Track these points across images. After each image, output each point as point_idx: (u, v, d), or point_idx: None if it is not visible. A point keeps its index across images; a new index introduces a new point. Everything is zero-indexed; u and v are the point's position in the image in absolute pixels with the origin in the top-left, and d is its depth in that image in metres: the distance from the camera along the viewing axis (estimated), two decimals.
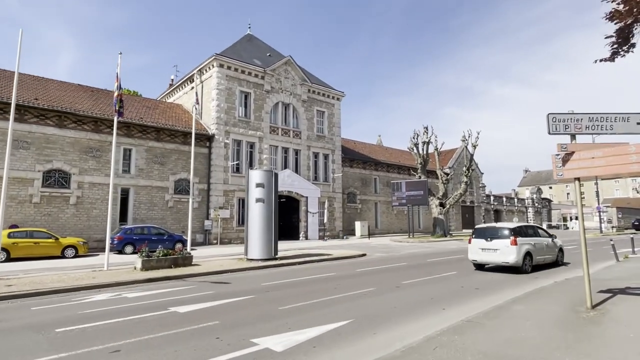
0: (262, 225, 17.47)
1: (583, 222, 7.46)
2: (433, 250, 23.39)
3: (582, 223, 7.43)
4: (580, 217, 7.46)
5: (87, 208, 22.60)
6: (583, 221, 7.48)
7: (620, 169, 6.97)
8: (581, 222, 7.44)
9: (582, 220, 7.45)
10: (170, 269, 14.31)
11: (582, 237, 7.38)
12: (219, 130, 27.75)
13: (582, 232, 7.38)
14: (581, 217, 7.46)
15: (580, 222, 7.45)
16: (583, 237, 7.37)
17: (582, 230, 7.39)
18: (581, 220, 7.46)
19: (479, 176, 53.97)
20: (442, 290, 10.22)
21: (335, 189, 34.85)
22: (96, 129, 23.30)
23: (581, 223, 7.44)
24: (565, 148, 7.54)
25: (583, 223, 7.45)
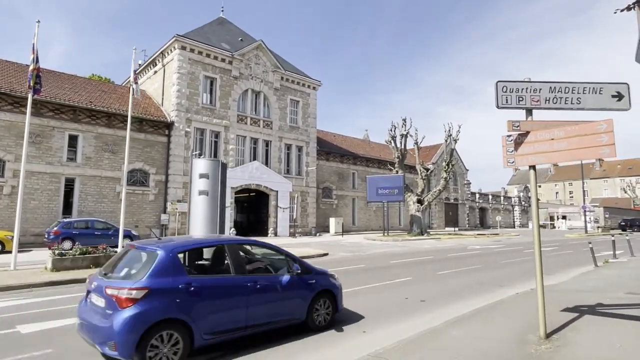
0: (205, 220, 15.52)
1: (538, 221, 5.69)
2: (404, 250, 21.71)
3: (537, 221, 5.67)
4: (534, 215, 5.70)
5: (24, 199, 20.33)
6: (538, 220, 5.72)
7: (587, 153, 5.21)
8: (535, 221, 5.67)
9: (536, 218, 5.69)
10: (89, 270, 12.39)
11: (535, 240, 5.61)
12: (179, 118, 25.71)
13: (536, 233, 5.61)
14: (535, 215, 5.69)
15: (534, 220, 5.69)
16: (537, 239, 5.61)
17: (536, 231, 5.63)
18: (535, 218, 5.70)
19: (464, 173, 52.45)
20: (381, 302, 8.48)
21: (309, 183, 33.01)
22: (36, 112, 21.12)
23: (535, 221, 5.67)
24: (517, 127, 5.75)
25: (538, 221, 5.69)
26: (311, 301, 6.22)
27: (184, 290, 4.86)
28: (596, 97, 5.62)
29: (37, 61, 13.74)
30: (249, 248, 6.51)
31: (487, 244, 26.38)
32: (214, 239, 6.34)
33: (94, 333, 4.67)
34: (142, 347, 4.44)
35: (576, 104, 5.65)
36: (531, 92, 5.73)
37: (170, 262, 4.97)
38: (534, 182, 5.68)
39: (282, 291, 5.87)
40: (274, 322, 5.79)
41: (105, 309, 4.65)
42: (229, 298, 5.29)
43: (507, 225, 61.70)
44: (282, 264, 6.29)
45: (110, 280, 4.97)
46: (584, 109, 5.65)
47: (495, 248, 23.36)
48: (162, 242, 5.52)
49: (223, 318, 5.17)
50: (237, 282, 5.43)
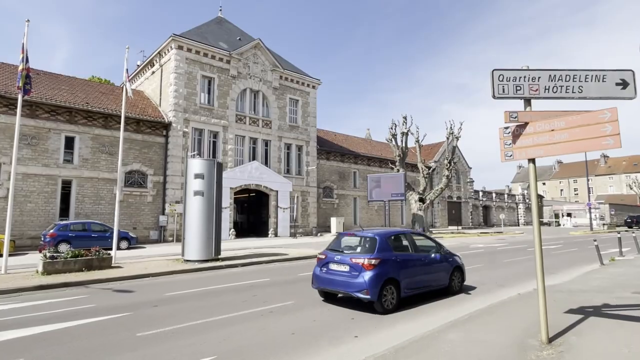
0: (201, 221, 15.36)
1: (538, 218, 5.35)
2: None
3: (537, 218, 5.33)
4: (534, 212, 5.35)
5: (20, 202, 20.32)
6: (538, 216, 5.37)
7: (590, 144, 4.86)
8: (535, 218, 5.33)
9: (536, 215, 5.34)
10: (81, 273, 12.19)
11: (536, 238, 5.27)
12: (176, 118, 25.47)
13: (537, 231, 5.27)
14: (536, 212, 5.35)
15: (534, 217, 5.35)
16: (538, 238, 5.26)
17: (536, 228, 5.28)
18: (535, 215, 5.35)
19: (467, 170, 51.94)
20: None
21: (310, 183, 32.69)
22: (32, 114, 20.98)
23: (535, 219, 5.33)
24: (515, 117, 5.40)
25: (538, 218, 5.34)
26: (450, 273, 8.98)
27: (393, 261, 7.64)
28: (599, 85, 5.27)
29: (27, 61, 13.54)
30: (415, 237, 8.90)
31: (490, 243, 25.96)
32: (400, 230, 9.31)
33: (347, 286, 7.39)
34: (380, 294, 7.18)
35: (578, 93, 5.30)
36: (529, 81, 5.38)
37: (385, 243, 7.78)
38: (533, 176, 5.34)
39: (436, 265, 8.65)
40: (433, 285, 8.56)
41: (351, 272, 7.43)
42: (414, 267, 8.08)
43: (511, 224, 61.12)
44: (433, 248, 8.99)
45: (351, 254, 7.75)
46: (586, 98, 5.30)
47: (499, 247, 22.94)
48: (370, 231, 8.41)
49: (412, 280, 7.94)
50: (416, 257, 8.30)
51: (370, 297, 7.09)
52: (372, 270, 7.21)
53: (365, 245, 7.81)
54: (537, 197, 5.32)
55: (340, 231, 32.33)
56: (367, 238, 7.91)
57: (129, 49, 15.77)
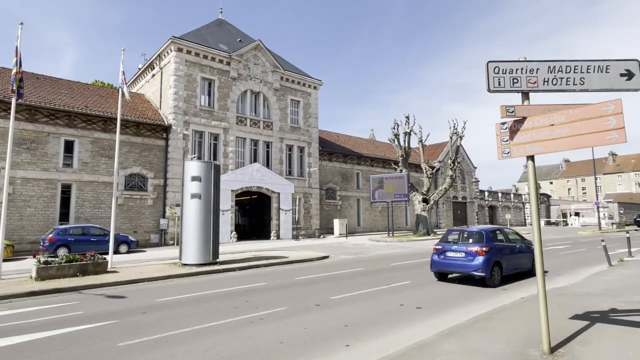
0: (198, 224, 15.13)
1: (538, 217, 4.99)
2: (407, 251, 20.97)
3: (537, 217, 4.97)
4: (534, 211, 5.00)
5: (20, 206, 20.24)
6: (538, 216, 5.01)
7: (592, 139, 4.51)
8: (535, 217, 4.98)
9: (536, 214, 4.99)
10: (75, 278, 12.00)
11: (535, 238, 4.93)
12: (176, 121, 25.32)
13: (536, 230, 4.92)
14: (535, 211, 5.00)
15: (533, 216, 5.00)
16: (537, 238, 4.92)
17: (535, 228, 4.94)
18: (535, 214, 5.00)
19: (472, 170, 51.35)
20: (371, 310, 7.82)
21: (312, 184, 32.40)
22: (31, 119, 20.91)
23: (535, 218, 4.98)
24: (512, 112, 5.06)
25: (538, 218, 4.99)
26: (532, 260, 11.41)
27: (496, 248, 10.35)
28: (602, 76, 4.93)
29: (20, 64, 13.38)
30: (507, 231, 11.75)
31: None
32: (496, 227, 11.81)
33: (465, 268, 10.18)
34: (491, 272, 9.98)
35: (579, 85, 4.96)
36: (527, 73, 5.05)
37: (489, 235, 10.58)
38: (532, 175, 5.00)
39: (522, 253, 11.41)
40: (523, 268, 11.43)
41: (466, 257, 10.21)
42: (510, 254, 10.84)
43: (519, 224, 60.35)
44: (519, 240, 11.76)
45: (465, 244, 10.50)
46: (588, 90, 4.95)
47: None
48: (476, 227, 11.48)
49: (509, 263, 10.74)
50: (510, 246, 11.08)
51: (484, 275, 9.79)
52: (484, 256, 9.90)
53: (476, 237, 10.56)
54: (536, 196, 4.98)
55: (343, 233, 32.04)
56: (475, 232, 10.80)
57: (124, 51, 15.61)
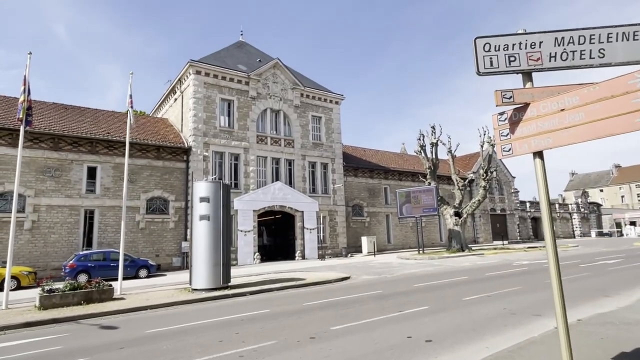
0: (207, 247, 14.56)
1: (552, 229, 3.82)
2: (437, 270, 19.42)
3: (551, 229, 3.81)
4: (546, 222, 3.85)
5: (44, 233, 20.60)
6: (552, 227, 3.84)
7: (616, 126, 3.37)
8: (548, 229, 3.82)
9: (549, 227, 3.83)
10: (78, 307, 11.63)
11: (551, 257, 3.76)
12: (196, 143, 25.33)
13: (551, 246, 3.76)
14: (548, 222, 3.85)
15: (546, 229, 3.84)
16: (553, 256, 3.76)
17: (550, 243, 3.78)
18: (548, 224, 3.84)
19: (510, 180, 48.45)
20: (371, 345, 6.71)
21: (337, 202, 31.40)
22: (55, 147, 21.47)
23: (548, 230, 3.82)
24: (510, 98, 3.98)
25: (552, 229, 3.82)
26: None
27: None
28: (629, 45, 3.78)
29: (29, 93, 13.54)
30: None
31: (537, 259, 23.27)
32: None
33: None
34: None
35: (598, 58, 3.83)
36: (528, 48, 3.98)
37: None
38: (541, 175, 3.87)
39: None
40: None
41: None
42: None
43: (566, 235, 56.15)
44: None
45: None
46: (610, 65, 3.81)
47: (546, 263, 20.34)
48: None
49: None
50: None
51: None
52: None
53: None
54: (548, 203, 3.83)
55: (372, 251, 30.57)
56: None
57: (132, 74, 15.59)
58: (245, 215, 26.19)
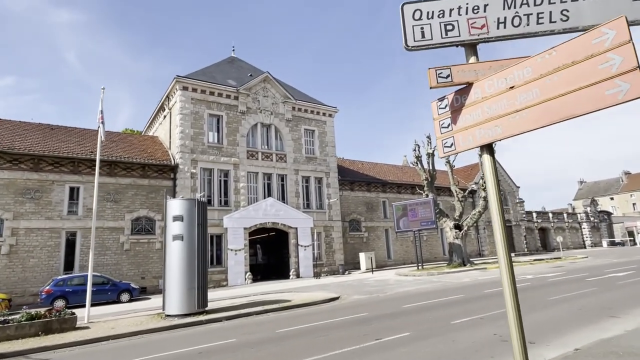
0: (181, 269, 13.63)
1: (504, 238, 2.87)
2: (434, 287, 18.24)
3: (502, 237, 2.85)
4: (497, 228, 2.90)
5: (23, 257, 19.79)
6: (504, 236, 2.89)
7: (582, 102, 2.43)
8: (500, 238, 2.87)
9: (501, 234, 2.87)
10: (34, 339, 10.70)
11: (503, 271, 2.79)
12: (183, 159, 24.60)
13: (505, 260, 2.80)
14: (499, 227, 2.89)
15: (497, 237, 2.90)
16: (507, 270, 2.78)
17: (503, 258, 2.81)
18: (500, 234, 2.88)
19: (514, 190, 47.07)
20: None
21: (333, 217, 30.35)
22: (35, 168, 20.84)
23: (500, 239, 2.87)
24: (447, 78, 3.07)
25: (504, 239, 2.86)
26: None
27: None
28: (599, 3, 2.86)
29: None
30: None
31: (543, 272, 21.96)
32: None
33: None
34: None
35: (560, 22, 2.92)
36: (469, 14, 3.08)
37: None
38: (491, 175, 2.93)
39: None
40: None
41: None
42: None
43: (576, 246, 54.28)
44: None
45: None
46: (577, 30, 2.89)
47: (551, 277, 19.10)
48: None
49: None
50: None
51: None
52: None
53: None
54: (500, 207, 2.88)
55: (372, 267, 29.35)
56: None
57: (104, 89, 14.94)
58: (236, 234, 25.24)
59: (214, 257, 24.66)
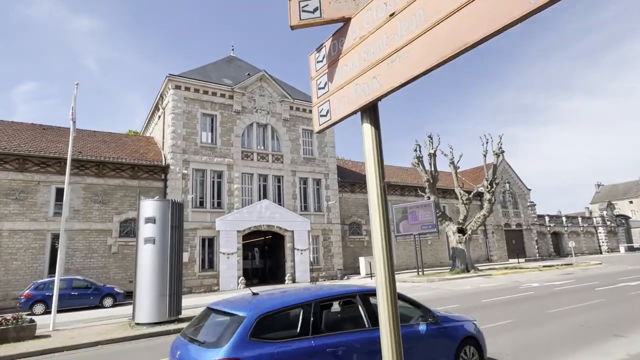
0: (152, 275, 12.84)
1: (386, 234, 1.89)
2: (430, 296, 17.08)
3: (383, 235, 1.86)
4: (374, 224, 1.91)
5: (6, 260, 19.28)
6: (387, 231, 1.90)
7: (487, 22, 1.42)
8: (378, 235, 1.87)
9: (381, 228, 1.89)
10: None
11: (380, 280, 1.77)
12: (175, 160, 23.91)
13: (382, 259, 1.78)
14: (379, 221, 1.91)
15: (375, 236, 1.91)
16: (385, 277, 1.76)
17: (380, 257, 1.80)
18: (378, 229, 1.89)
19: (525, 193, 45.28)
20: None
21: (332, 220, 29.31)
22: (20, 168, 20.36)
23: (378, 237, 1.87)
24: (314, 11, 2.07)
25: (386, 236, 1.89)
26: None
27: None
28: None
29: None
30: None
31: (551, 280, 20.57)
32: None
33: None
34: None
35: None
36: None
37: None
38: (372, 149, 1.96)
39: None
40: None
41: None
42: None
43: (592, 251, 52.05)
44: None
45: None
46: None
47: (558, 286, 17.75)
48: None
49: None
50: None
51: None
52: None
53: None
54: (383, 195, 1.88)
55: (372, 272, 28.17)
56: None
57: (78, 85, 14.28)
58: (229, 237, 24.42)
59: (205, 261, 23.89)
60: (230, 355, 3.82)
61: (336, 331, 4.48)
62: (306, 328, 4.31)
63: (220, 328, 4.37)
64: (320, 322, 4.45)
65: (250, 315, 4.15)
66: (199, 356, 4.05)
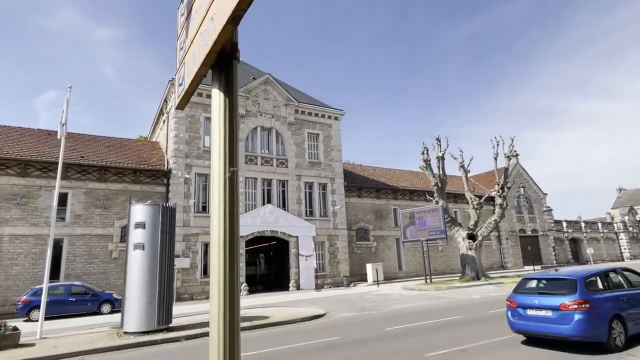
0: (141, 282, 12.46)
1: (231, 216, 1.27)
2: (438, 304, 16.33)
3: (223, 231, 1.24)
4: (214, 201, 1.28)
5: (6, 265, 19.23)
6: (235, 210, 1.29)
7: None
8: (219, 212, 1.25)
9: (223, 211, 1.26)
10: None
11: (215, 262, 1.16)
12: (177, 164, 23.69)
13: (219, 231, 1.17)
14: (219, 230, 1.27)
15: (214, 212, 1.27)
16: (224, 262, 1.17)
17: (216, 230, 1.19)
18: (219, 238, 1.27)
19: (541, 198, 43.77)
20: None
21: (338, 225, 28.65)
22: (22, 173, 20.37)
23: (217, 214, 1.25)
24: None
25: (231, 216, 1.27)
26: None
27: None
28: None
29: None
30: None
31: None
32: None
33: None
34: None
35: None
36: None
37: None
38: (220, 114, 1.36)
39: None
40: None
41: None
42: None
43: (612, 258, 50.00)
44: None
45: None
46: None
47: None
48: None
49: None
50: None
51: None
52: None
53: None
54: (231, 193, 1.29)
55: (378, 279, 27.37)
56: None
57: (71, 87, 14.08)
58: None
59: (207, 267, 23.48)
60: (583, 297, 7.12)
61: (617, 289, 7.81)
62: (604, 286, 7.74)
63: (562, 285, 7.71)
64: (610, 283, 7.85)
65: (579, 278, 7.56)
66: (559, 300, 7.28)
